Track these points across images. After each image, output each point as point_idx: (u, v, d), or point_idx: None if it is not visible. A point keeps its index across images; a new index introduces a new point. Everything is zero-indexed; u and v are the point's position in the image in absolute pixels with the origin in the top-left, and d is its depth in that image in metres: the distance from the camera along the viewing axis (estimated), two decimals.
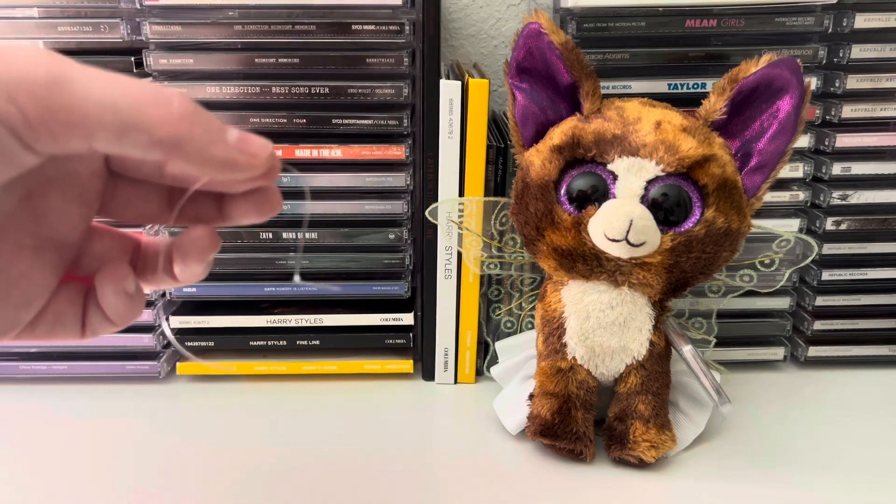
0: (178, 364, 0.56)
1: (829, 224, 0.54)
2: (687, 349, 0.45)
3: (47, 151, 0.19)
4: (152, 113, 0.19)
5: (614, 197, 0.41)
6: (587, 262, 0.42)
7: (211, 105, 0.45)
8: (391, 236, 0.53)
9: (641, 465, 0.45)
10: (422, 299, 0.54)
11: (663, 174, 0.41)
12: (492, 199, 0.51)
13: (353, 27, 0.49)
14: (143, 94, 0.19)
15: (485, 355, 0.56)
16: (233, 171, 0.20)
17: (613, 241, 0.40)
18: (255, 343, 0.56)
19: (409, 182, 0.52)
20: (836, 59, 0.51)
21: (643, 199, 0.41)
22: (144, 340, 0.55)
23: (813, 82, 0.50)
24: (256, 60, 0.49)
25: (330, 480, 0.44)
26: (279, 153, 0.21)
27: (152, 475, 0.44)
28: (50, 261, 0.23)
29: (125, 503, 0.42)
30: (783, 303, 0.56)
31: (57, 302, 0.23)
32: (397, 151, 0.51)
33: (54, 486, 0.43)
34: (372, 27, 0.49)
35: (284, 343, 0.56)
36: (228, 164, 0.20)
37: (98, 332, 0.24)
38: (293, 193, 0.52)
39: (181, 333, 0.55)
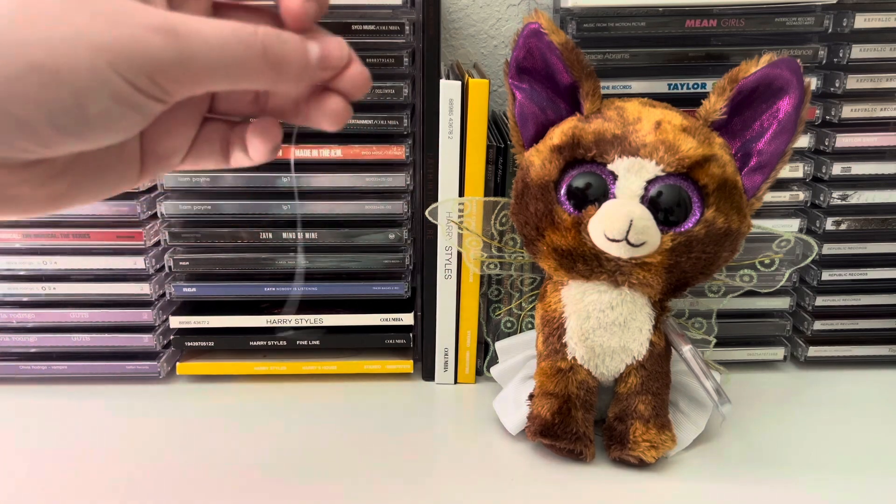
0: (178, 364, 0.56)
1: (829, 224, 0.54)
2: (687, 349, 0.45)
3: (178, 99, 0.24)
4: (252, 68, 0.23)
5: (614, 197, 0.41)
6: (587, 263, 0.42)
7: None
8: (391, 236, 0.53)
9: (641, 465, 0.45)
10: (422, 299, 0.54)
11: (663, 174, 0.41)
12: (492, 199, 0.51)
13: (353, 27, 0.49)
14: (243, 52, 0.23)
15: (485, 355, 0.56)
16: (318, 79, 0.26)
17: (613, 241, 0.40)
18: (255, 343, 0.56)
19: (409, 182, 0.52)
20: (836, 59, 0.51)
21: (643, 199, 0.41)
22: (144, 340, 0.55)
23: (813, 82, 0.50)
24: None
25: (330, 480, 0.44)
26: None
27: (152, 475, 0.44)
28: (185, 117, 0.28)
29: (125, 503, 0.42)
30: (783, 303, 0.56)
31: (199, 143, 0.29)
32: (397, 151, 0.51)
33: (54, 486, 0.43)
34: (372, 27, 0.49)
35: (284, 343, 0.56)
36: (316, 79, 0.26)
37: (240, 163, 0.30)
38: (292, 194, 0.52)
39: (181, 333, 0.55)
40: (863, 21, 0.49)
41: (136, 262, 0.53)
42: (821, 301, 0.56)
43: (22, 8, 0.21)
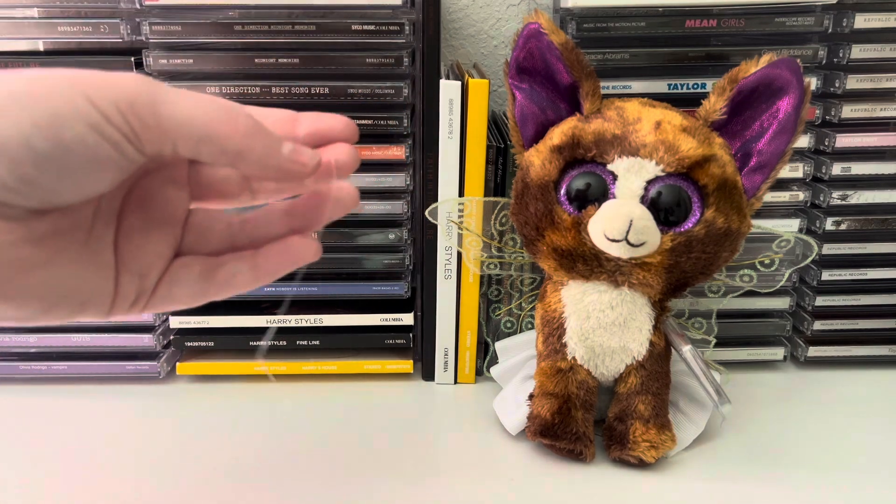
0: (178, 364, 0.56)
1: (829, 224, 0.54)
2: (687, 349, 0.45)
3: (149, 153, 0.24)
4: (222, 130, 0.24)
5: (614, 197, 0.41)
6: (587, 263, 0.42)
7: None
8: (391, 236, 0.53)
9: (641, 465, 0.45)
10: (422, 299, 0.54)
11: (663, 174, 0.41)
12: (492, 199, 0.51)
13: (353, 27, 0.49)
14: (216, 114, 0.24)
15: (485, 355, 0.56)
16: (286, 176, 0.26)
17: (613, 241, 0.40)
18: (255, 343, 0.56)
19: (409, 182, 0.52)
20: (836, 59, 0.51)
21: (643, 199, 0.41)
22: (144, 340, 0.55)
23: (813, 82, 0.50)
24: (256, 60, 0.49)
25: (330, 480, 0.44)
26: (323, 159, 0.28)
27: (152, 475, 0.44)
28: (159, 237, 0.28)
29: (125, 503, 0.42)
30: (783, 303, 0.56)
31: (176, 267, 0.29)
32: (397, 151, 0.51)
33: (54, 486, 0.43)
34: (372, 27, 0.49)
35: (284, 343, 0.56)
36: (283, 171, 0.26)
37: (233, 285, 0.29)
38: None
39: (181, 333, 0.55)
40: (863, 21, 0.49)
41: None
42: (821, 301, 0.56)
43: (13, 71, 0.23)
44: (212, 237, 0.30)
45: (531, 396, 0.46)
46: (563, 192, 0.43)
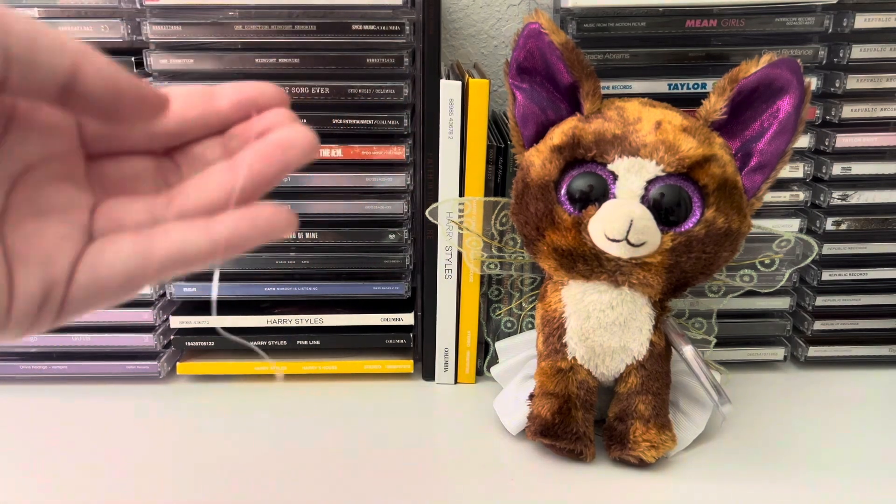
0: (178, 364, 0.56)
1: (829, 224, 0.54)
2: (687, 349, 0.45)
3: None
4: (56, 39, 0.19)
5: (614, 197, 0.41)
6: (587, 262, 0.42)
7: None
8: (391, 236, 0.53)
9: (641, 465, 0.45)
10: (422, 299, 0.54)
11: (663, 174, 0.41)
12: (492, 199, 0.51)
13: (353, 27, 0.49)
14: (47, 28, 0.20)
15: (485, 355, 0.56)
16: (139, 101, 0.21)
17: (614, 241, 0.40)
18: (255, 343, 0.56)
19: (409, 182, 0.52)
20: (836, 59, 0.51)
21: (643, 199, 0.41)
22: (144, 340, 0.55)
23: (813, 82, 0.50)
24: (256, 60, 0.49)
25: (330, 480, 0.44)
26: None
27: (152, 475, 0.44)
28: (60, 221, 0.22)
29: (125, 503, 0.42)
30: (783, 303, 0.56)
31: (95, 247, 0.23)
32: (397, 151, 0.51)
33: (54, 486, 0.43)
34: (372, 27, 0.49)
35: (284, 343, 0.56)
36: (133, 92, 0.21)
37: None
38: (293, 194, 0.52)
39: (181, 333, 0.55)
40: (863, 21, 0.49)
41: None
42: (821, 301, 0.56)
43: None
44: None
45: (531, 396, 0.46)
46: (563, 191, 0.43)
